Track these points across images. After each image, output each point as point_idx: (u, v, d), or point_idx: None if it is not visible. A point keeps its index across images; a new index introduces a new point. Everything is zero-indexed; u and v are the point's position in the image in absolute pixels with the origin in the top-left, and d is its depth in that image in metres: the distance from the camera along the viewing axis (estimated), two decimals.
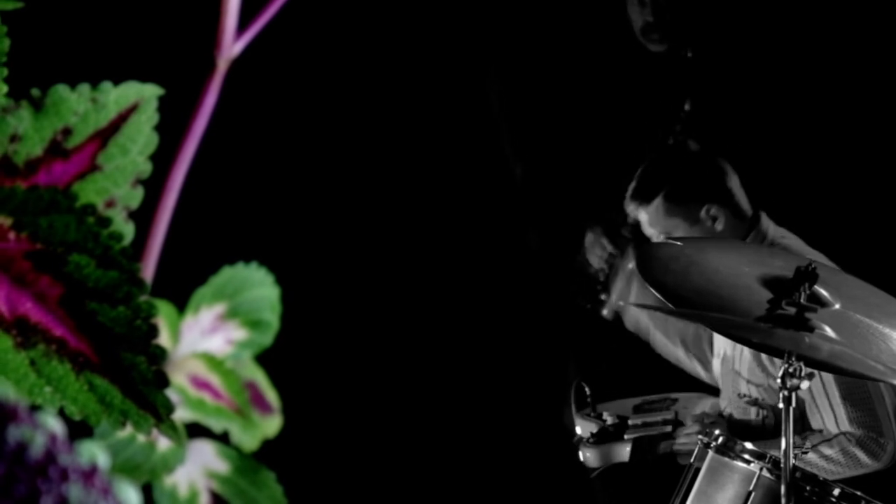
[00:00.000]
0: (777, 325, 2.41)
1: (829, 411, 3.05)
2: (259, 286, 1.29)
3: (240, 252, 1.36)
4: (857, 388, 3.04)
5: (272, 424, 1.28)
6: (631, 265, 3.73)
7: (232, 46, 0.95)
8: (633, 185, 3.40)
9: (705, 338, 3.56)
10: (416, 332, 4.48)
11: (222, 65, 0.94)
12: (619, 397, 3.50)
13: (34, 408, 0.66)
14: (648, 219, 3.34)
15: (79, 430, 0.84)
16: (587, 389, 3.32)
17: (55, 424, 0.60)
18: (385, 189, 4.47)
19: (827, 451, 3.03)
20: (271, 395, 1.29)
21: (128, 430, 0.88)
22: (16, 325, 0.85)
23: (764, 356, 3.15)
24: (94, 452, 0.59)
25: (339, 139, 4.38)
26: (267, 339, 1.29)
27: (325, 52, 4.32)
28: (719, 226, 3.29)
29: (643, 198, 3.35)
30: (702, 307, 2.49)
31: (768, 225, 3.33)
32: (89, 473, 0.58)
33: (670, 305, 2.49)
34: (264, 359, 1.30)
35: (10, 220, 0.86)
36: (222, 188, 3.70)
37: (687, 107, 3.90)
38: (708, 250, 2.72)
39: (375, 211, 4.46)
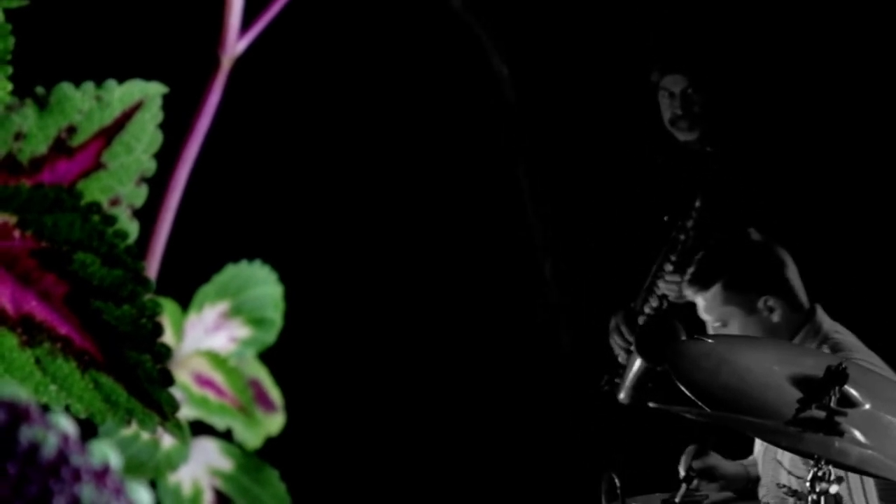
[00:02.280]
0: (806, 428, 2.40)
1: None
2: (262, 284, 1.29)
3: (243, 250, 1.36)
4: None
5: (275, 422, 1.28)
6: (639, 361, 3.76)
7: (236, 44, 0.95)
8: (692, 269, 3.40)
9: None
10: (418, 330, 4.48)
11: (226, 63, 0.94)
12: (647, 492, 3.50)
13: (46, 408, 0.66)
14: (706, 305, 3.34)
15: (82, 428, 0.84)
16: (617, 481, 3.30)
17: (67, 425, 0.60)
18: (389, 187, 4.46)
19: None
20: (274, 393, 1.29)
21: (132, 428, 0.88)
22: (21, 323, 0.85)
23: None
24: (107, 452, 0.59)
25: (343, 138, 4.37)
26: (270, 336, 1.29)
27: (329, 50, 4.32)
28: (776, 317, 3.27)
29: (702, 284, 3.35)
30: (732, 406, 2.48)
31: (823, 318, 3.31)
32: (101, 474, 0.58)
33: (701, 404, 2.49)
34: (267, 356, 1.30)
35: (14, 219, 0.86)
36: (226, 186, 3.69)
37: (698, 203, 3.93)
38: (739, 348, 2.72)
39: (378, 209, 4.46)
